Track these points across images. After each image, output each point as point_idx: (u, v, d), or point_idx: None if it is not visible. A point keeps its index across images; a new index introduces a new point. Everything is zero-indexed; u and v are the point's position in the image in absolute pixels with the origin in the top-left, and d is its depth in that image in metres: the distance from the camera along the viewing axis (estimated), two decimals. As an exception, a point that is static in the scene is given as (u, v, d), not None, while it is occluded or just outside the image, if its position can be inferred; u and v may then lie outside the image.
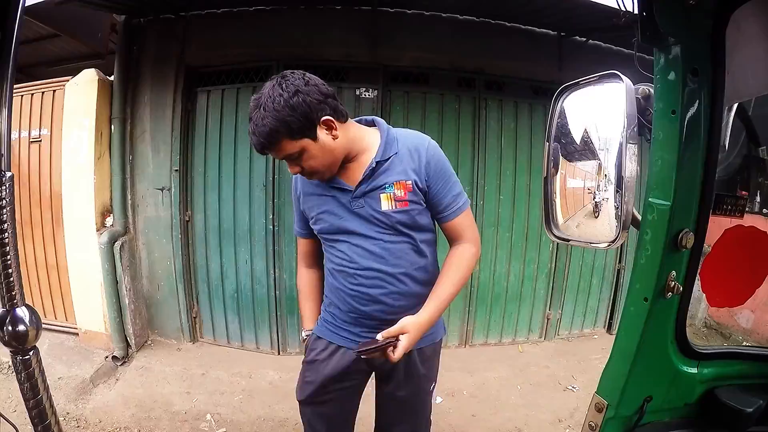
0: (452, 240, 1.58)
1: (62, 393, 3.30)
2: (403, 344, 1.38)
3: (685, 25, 0.81)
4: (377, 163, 1.46)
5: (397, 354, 1.37)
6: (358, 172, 1.48)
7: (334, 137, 1.40)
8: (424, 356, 1.64)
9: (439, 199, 1.50)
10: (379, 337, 1.39)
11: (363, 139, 1.50)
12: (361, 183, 1.47)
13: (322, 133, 1.37)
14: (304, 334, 1.73)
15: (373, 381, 1.76)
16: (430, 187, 1.48)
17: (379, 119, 1.58)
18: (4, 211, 0.73)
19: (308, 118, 1.33)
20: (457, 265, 1.52)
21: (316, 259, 1.74)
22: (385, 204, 1.46)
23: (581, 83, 0.96)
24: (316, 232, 1.60)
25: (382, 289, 1.51)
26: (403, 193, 1.46)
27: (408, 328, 1.39)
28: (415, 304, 1.52)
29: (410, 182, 1.46)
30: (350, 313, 1.56)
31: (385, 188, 1.46)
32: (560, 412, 3.31)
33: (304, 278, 1.77)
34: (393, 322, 1.43)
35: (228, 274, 4.00)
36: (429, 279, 1.56)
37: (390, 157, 1.47)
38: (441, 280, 1.51)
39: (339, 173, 1.49)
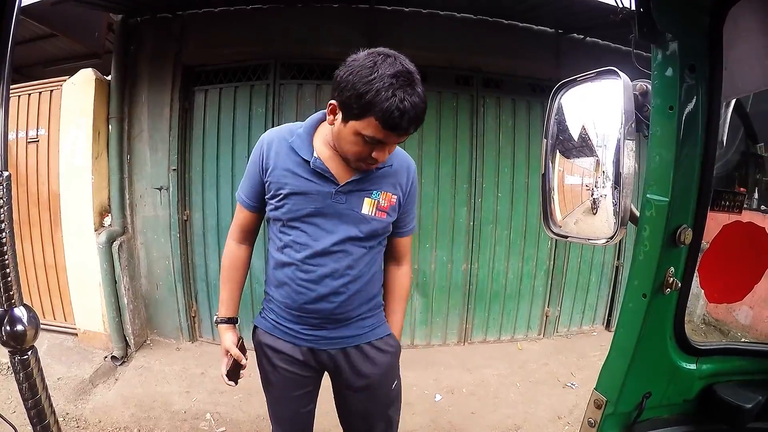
0: (396, 255, 1.68)
1: (61, 393, 3.30)
2: None
3: (682, 22, 0.81)
4: (376, 168, 1.45)
5: None
6: (350, 169, 1.45)
7: None
8: (383, 347, 1.64)
9: (403, 218, 1.59)
10: None
11: None
12: (351, 181, 1.44)
13: None
14: (217, 318, 1.68)
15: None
16: (403, 206, 1.55)
17: None
18: (2, 210, 0.72)
19: None
20: (404, 293, 1.72)
21: (250, 236, 1.67)
22: (366, 208, 1.46)
23: (579, 80, 0.95)
24: (275, 211, 1.49)
25: (329, 287, 1.48)
26: (385, 205, 1.49)
27: None
28: (358, 304, 1.54)
29: (395, 197, 1.50)
30: (292, 310, 1.53)
31: (371, 194, 1.47)
32: (559, 409, 3.32)
33: (232, 255, 1.66)
34: (335, 321, 1.52)
35: (227, 274, 3.99)
36: (375, 283, 1.61)
37: (385, 167, 1.48)
38: (394, 306, 1.70)
39: (329, 164, 1.45)
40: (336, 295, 1.49)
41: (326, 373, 1.69)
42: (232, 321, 1.68)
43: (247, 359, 1.65)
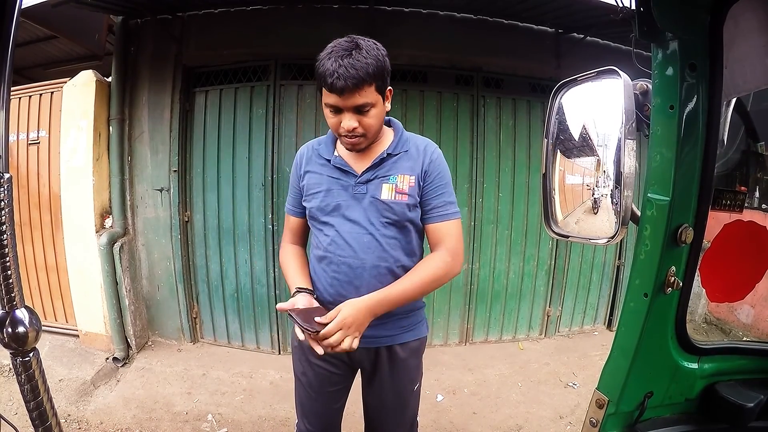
0: (433, 245, 1.58)
1: (63, 395, 3.31)
2: (336, 318, 1.37)
3: (682, 21, 0.81)
4: (388, 154, 1.53)
5: (322, 319, 1.38)
6: (367, 159, 1.54)
7: (386, 109, 1.50)
8: (409, 351, 1.65)
9: (429, 200, 1.54)
10: (321, 320, 1.38)
11: (382, 130, 1.57)
12: (368, 169, 1.52)
13: (386, 100, 1.48)
14: (292, 293, 1.62)
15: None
16: (424, 186, 1.54)
17: (395, 120, 1.65)
18: (3, 212, 0.72)
19: (387, 81, 1.44)
20: (422, 270, 1.52)
21: (302, 238, 1.76)
22: (386, 193, 1.50)
23: (579, 80, 0.95)
24: (308, 210, 1.60)
25: (362, 280, 1.52)
26: (405, 187, 1.51)
27: (343, 307, 1.40)
28: None
29: (414, 177, 1.52)
30: (329, 303, 1.56)
31: (389, 179, 1.51)
32: (561, 408, 3.32)
33: (288, 249, 1.73)
34: None
35: (228, 274, 4.00)
36: None
37: (400, 153, 1.55)
38: (401, 278, 1.51)
39: (348, 160, 1.55)
40: (367, 287, 1.51)
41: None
42: (305, 290, 1.60)
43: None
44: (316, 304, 1.54)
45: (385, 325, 1.56)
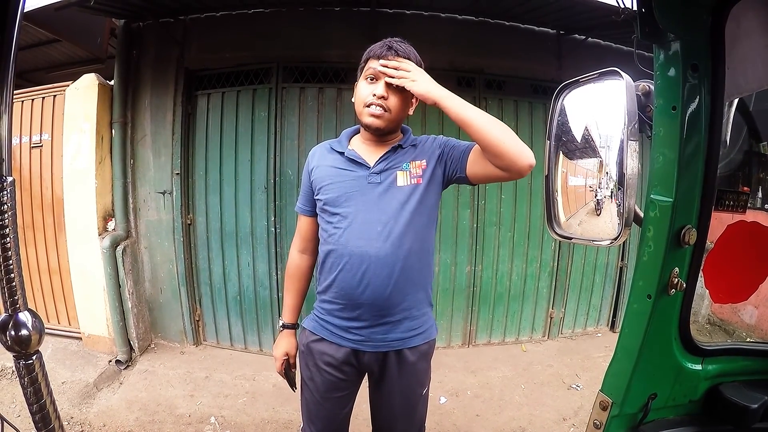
0: None
1: (66, 397, 3.31)
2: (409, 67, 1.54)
3: (684, 21, 0.81)
4: (399, 145, 1.60)
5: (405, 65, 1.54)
6: (380, 152, 1.59)
7: (409, 112, 1.62)
8: (418, 355, 1.64)
9: (457, 146, 1.62)
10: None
11: (397, 133, 1.66)
12: (380, 160, 1.57)
13: (411, 105, 1.63)
14: (281, 323, 1.83)
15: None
16: (444, 152, 1.60)
17: (406, 127, 1.72)
18: (6, 215, 0.73)
19: None
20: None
21: (311, 244, 1.78)
22: (401, 180, 1.55)
23: (581, 81, 0.95)
24: (320, 204, 1.62)
25: (372, 270, 1.50)
26: (418, 171, 1.57)
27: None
28: (406, 292, 1.55)
29: (424, 161, 1.58)
30: (340, 299, 1.56)
31: (401, 167, 1.57)
32: (564, 410, 3.31)
33: (293, 264, 1.82)
34: (381, 309, 1.52)
35: (230, 277, 4.01)
36: (425, 270, 1.61)
37: (409, 146, 1.62)
38: None
39: (361, 152, 1.60)
40: (377, 277, 1.50)
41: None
42: (291, 327, 1.82)
43: (294, 370, 1.84)
44: (294, 344, 1.80)
45: (395, 327, 1.56)
